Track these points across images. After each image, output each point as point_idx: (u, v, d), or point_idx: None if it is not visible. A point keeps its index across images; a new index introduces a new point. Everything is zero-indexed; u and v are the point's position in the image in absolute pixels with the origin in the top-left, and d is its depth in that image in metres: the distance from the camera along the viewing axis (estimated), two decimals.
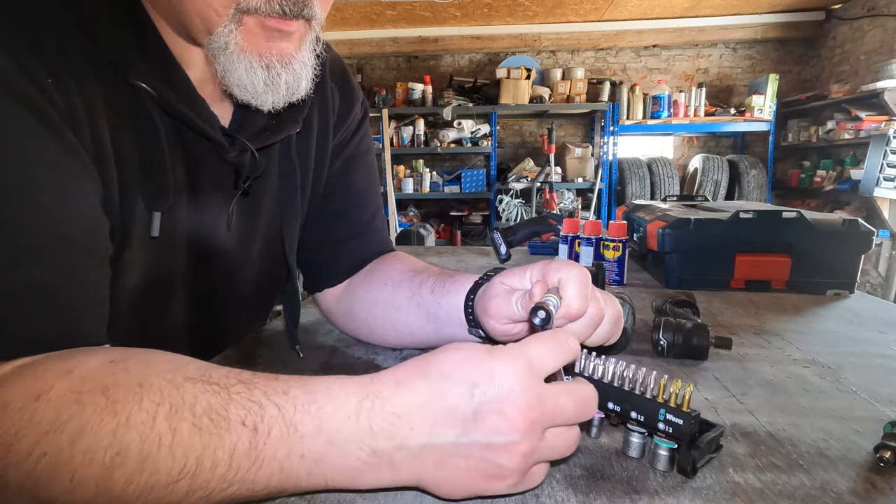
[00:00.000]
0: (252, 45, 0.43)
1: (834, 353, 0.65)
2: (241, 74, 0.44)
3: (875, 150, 3.40)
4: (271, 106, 0.47)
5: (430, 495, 0.35)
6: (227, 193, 0.54)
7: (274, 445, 0.31)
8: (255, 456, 0.31)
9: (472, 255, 1.36)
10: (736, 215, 0.96)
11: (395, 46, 5.23)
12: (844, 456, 0.41)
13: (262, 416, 0.32)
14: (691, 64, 5.27)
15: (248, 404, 0.32)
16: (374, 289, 0.63)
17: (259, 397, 0.32)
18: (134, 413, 0.31)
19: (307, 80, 0.48)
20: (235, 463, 0.31)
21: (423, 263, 0.64)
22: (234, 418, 0.31)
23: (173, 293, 0.54)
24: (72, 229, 0.38)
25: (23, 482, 0.30)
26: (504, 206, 4.87)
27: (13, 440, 0.30)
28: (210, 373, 0.34)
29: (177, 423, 0.31)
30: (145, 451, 0.30)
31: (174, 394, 0.32)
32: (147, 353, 0.36)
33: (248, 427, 0.31)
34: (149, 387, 0.32)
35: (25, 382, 0.32)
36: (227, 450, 0.31)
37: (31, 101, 0.37)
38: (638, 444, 0.40)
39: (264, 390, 0.33)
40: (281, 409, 0.32)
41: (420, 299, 0.58)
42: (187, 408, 0.31)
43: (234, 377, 0.34)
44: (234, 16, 0.42)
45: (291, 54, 0.45)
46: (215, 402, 0.32)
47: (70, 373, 0.33)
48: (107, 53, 0.42)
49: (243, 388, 0.33)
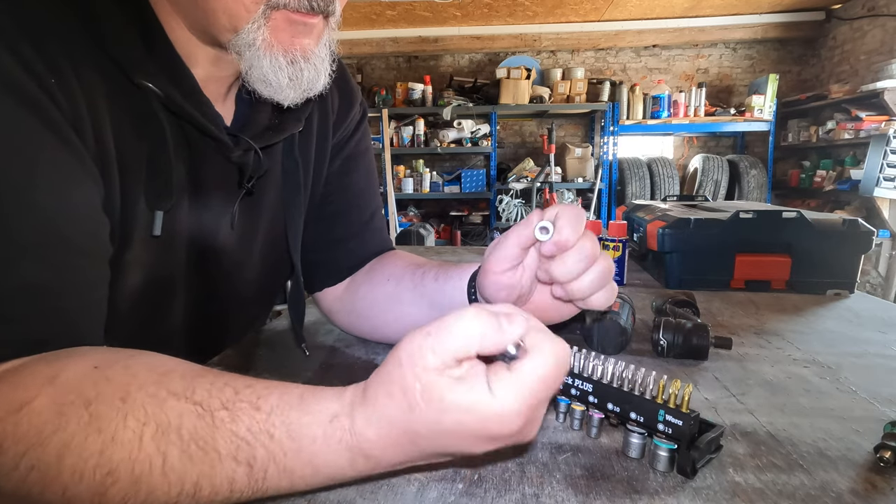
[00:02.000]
0: (278, 41, 0.44)
1: (834, 353, 0.65)
2: (266, 70, 0.44)
3: (875, 150, 3.40)
4: (291, 101, 0.48)
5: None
6: (230, 193, 0.54)
7: (274, 481, 0.32)
8: (255, 487, 0.32)
9: (471, 255, 1.36)
10: (736, 215, 0.96)
11: (395, 46, 5.22)
12: (844, 456, 0.41)
13: (254, 455, 0.31)
14: (691, 64, 5.27)
15: (235, 440, 0.31)
16: (376, 286, 0.63)
17: (245, 434, 0.31)
18: (119, 431, 0.30)
19: (325, 75, 0.48)
20: (237, 490, 0.31)
21: (423, 259, 0.64)
22: (223, 452, 0.31)
23: (174, 293, 0.54)
24: (70, 229, 0.38)
25: (15, 490, 0.30)
26: (504, 206, 4.87)
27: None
28: (194, 388, 0.32)
29: (165, 446, 0.30)
30: (137, 471, 0.30)
31: (158, 412, 0.31)
32: (132, 356, 0.35)
33: (242, 462, 0.31)
34: (132, 402, 0.31)
35: (8, 390, 0.32)
36: (225, 479, 0.31)
37: (32, 99, 0.36)
38: (638, 444, 0.40)
39: (248, 426, 0.31)
40: (270, 453, 0.31)
41: (423, 289, 0.58)
42: (173, 430, 0.31)
43: (217, 397, 0.32)
44: (264, 12, 0.42)
45: (312, 49, 0.46)
46: (200, 428, 0.31)
47: (54, 380, 0.32)
48: (112, 53, 0.42)
49: (227, 415, 0.31)
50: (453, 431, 0.29)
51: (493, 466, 0.39)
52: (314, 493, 0.36)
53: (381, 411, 0.31)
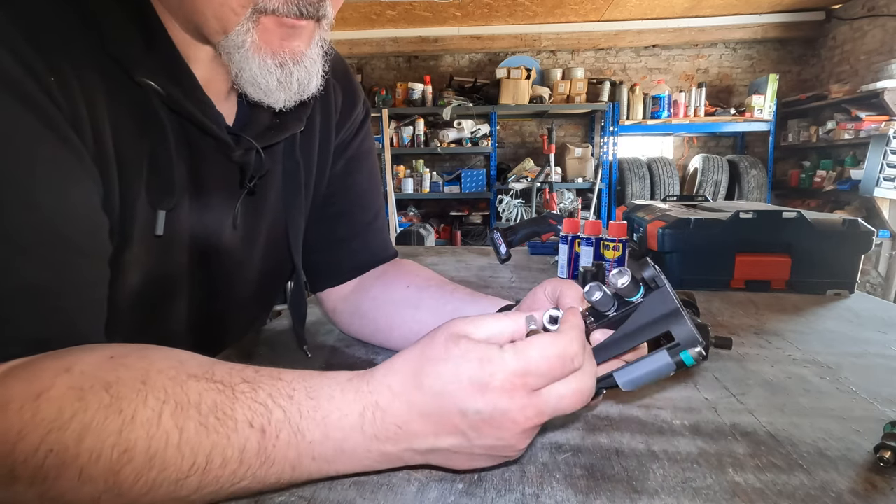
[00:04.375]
0: (267, 44, 0.44)
1: (834, 353, 0.65)
2: (255, 73, 0.44)
3: (875, 150, 3.40)
4: (283, 104, 0.47)
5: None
6: (231, 193, 0.54)
7: (283, 448, 0.32)
8: (265, 456, 0.32)
9: (472, 255, 1.36)
10: (736, 215, 0.96)
11: (395, 46, 5.22)
12: (844, 456, 0.41)
13: (269, 418, 0.32)
14: (691, 64, 5.27)
15: (254, 405, 0.32)
16: (392, 290, 0.64)
17: (264, 399, 0.33)
18: (139, 411, 0.31)
19: (317, 77, 0.48)
20: (246, 461, 0.32)
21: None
22: (240, 419, 0.32)
23: (175, 293, 0.54)
24: (69, 229, 0.38)
25: (32, 478, 0.30)
26: (504, 206, 4.87)
27: (17, 439, 0.30)
28: (213, 370, 0.34)
29: (183, 421, 0.31)
30: (153, 448, 0.30)
31: (178, 391, 0.32)
32: (147, 348, 0.36)
33: (256, 428, 0.32)
34: (152, 384, 0.32)
35: (23, 382, 0.32)
36: (237, 448, 0.31)
37: (30, 98, 0.36)
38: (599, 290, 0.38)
39: (269, 392, 0.33)
40: (287, 413, 0.33)
41: (452, 302, 0.59)
42: (192, 406, 0.31)
43: (238, 374, 0.34)
44: (252, 15, 0.42)
45: (303, 52, 0.46)
46: (220, 401, 0.32)
47: (69, 370, 0.32)
48: (111, 51, 0.42)
49: (247, 387, 0.33)
50: (455, 367, 0.32)
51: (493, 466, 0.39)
52: (314, 492, 0.36)
53: (404, 357, 0.35)
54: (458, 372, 0.32)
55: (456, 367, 0.32)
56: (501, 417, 0.32)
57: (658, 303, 0.36)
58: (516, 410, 0.32)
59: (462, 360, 0.32)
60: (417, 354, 0.34)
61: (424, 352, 0.34)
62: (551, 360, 0.32)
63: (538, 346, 0.32)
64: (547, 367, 0.32)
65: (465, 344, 0.33)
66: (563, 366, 0.33)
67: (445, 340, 0.33)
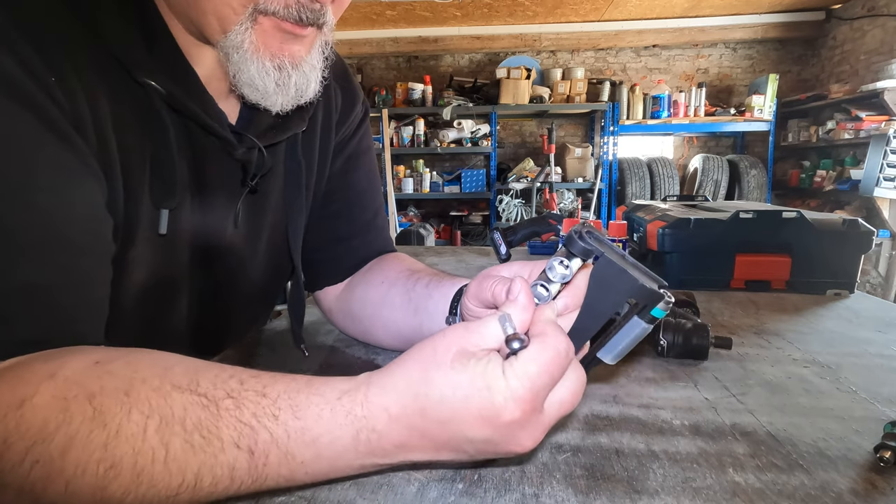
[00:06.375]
0: (265, 46, 0.44)
1: (834, 353, 0.65)
2: (252, 74, 0.44)
3: (875, 150, 3.40)
4: (280, 108, 0.47)
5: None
6: (234, 191, 0.54)
7: (275, 467, 0.32)
8: (256, 475, 0.32)
9: (471, 255, 1.36)
10: (736, 215, 0.96)
11: (395, 46, 5.22)
12: (844, 456, 0.41)
13: (256, 440, 0.31)
14: (691, 64, 5.27)
15: (239, 426, 0.31)
16: (371, 287, 0.63)
17: (249, 419, 0.32)
18: (124, 425, 0.30)
19: (316, 83, 0.48)
20: (238, 478, 0.31)
21: (422, 265, 0.64)
22: (226, 439, 0.31)
23: (177, 292, 0.54)
24: (70, 228, 0.38)
25: (20, 486, 0.30)
26: (504, 206, 4.87)
27: (3, 448, 0.30)
28: (198, 380, 0.33)
29: (168, 437, 0.30)
30: (139, 465, 0.30)
31: (162, 405, 0.31)
32: (133, 353, 0.35)
33: (244, 449, 0.31)
34: (136, 396, 0.31)
35: (7, 387, 0.32)
36: (226, 467, 0.31)
37: (31, 99, 0.36)
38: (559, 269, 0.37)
39: (253, 411, 0.32)
40: (273, 435, 0.32)
41: (413, 294, 0.58)
42: (177, 421, 0.31)
43: (222, 387, 0.33)
44: (251, 15, 0.42)
45: (302, 56, 0.46)
46: (204, 418, 0.31)
47: (54, 376, 0.32)
48: (113, 51, 0.42)
49: (231, 403, 0.32)
50: (464, 398, 0.31)
51: (494, 466, 0.39)
52: (314, 493, 0.36)
53: (400, 374, 0.33)
54: (466, 404, 0.31)
55: (465, 400, 0.31)
56: (510, 442, 0.32)
57: (605, 272, 0.35)
58: (525, 436, 0.32)
59: (470, 388, 0.31)
60: (418, 377, 0.32)
61: (427, 375, 0.32)
62: (550, 367, 0.32)
63: (535, 360, 0.31)
64: (549, 377, 0.32)
65: (473, 368, 0.31)
66: (561, 365, 0.32)
67: (451, 361, 0.32)
